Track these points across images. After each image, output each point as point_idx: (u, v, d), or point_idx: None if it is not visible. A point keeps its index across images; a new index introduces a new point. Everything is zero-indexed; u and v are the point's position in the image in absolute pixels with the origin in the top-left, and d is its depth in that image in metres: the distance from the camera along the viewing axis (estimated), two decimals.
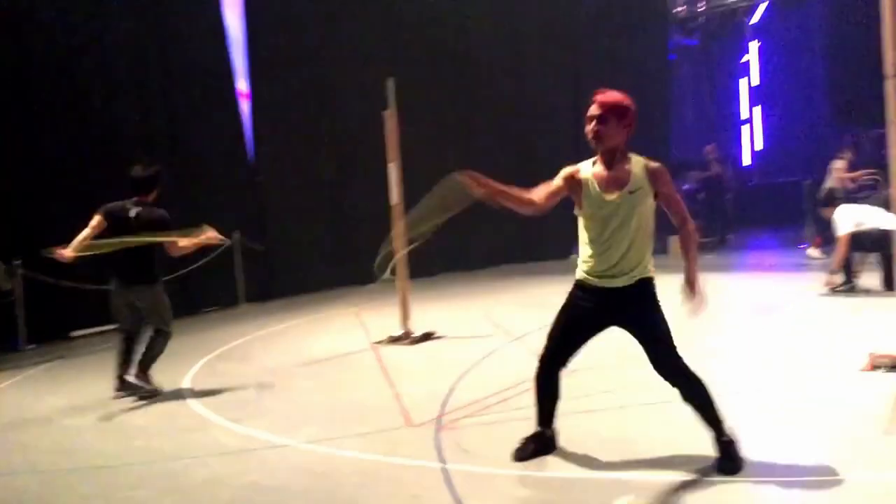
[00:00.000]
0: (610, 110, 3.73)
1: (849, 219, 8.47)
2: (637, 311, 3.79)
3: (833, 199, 9.18)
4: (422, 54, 13.06)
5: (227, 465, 4.32)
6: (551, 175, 4.01)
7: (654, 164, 3.77)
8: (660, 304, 3.81)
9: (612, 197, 3.73)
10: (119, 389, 6.07)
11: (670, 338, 3.77)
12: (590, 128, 3.78)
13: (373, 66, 11.74)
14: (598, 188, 3.77)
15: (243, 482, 4.03)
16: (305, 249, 11.79)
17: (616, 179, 3.75)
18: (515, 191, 3.94)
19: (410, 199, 7.97)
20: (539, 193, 3.94)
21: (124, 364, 6.13)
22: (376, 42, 12.51)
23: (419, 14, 13.22)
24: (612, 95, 3.77)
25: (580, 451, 4.10)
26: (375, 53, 12.30)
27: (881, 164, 9.68)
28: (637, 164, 3.77)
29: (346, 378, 6.37)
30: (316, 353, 7.39)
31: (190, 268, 7.43)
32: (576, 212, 3.89)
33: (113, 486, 4.13)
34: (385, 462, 4.17)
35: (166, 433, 5.08)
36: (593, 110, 3.76)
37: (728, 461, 3.64)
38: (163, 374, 6.58)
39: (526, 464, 3.98)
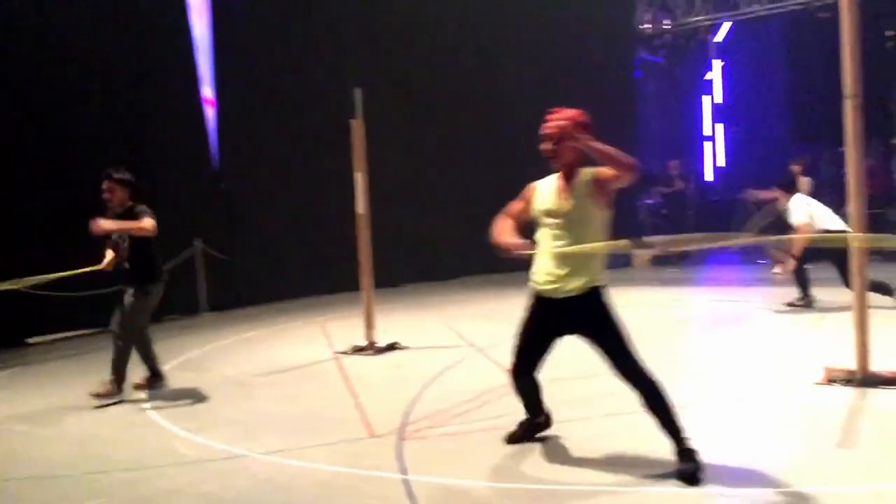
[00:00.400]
0: (562, 129, 3.88)
1: (804, 209, 8.59)
2: (592, 320, 3.90)
3: (792, 186, 9.19)
4: (392, 64, 13.05)
5: (185, 476, 4.26)
6: (520, 184, 4.16)
7: (599, 168, 3.88)
8: (614, 310, 3.91)
9: (565, 207, 3.92)
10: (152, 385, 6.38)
11: (628, 343, 3.86)
12: (544, 147, 3.96)
13: (341, 75, 11.74)
14: (554, 199, 3.97)
15: (201, 492, 3.98)
16: (270, 258, 11.68)
17: (570, 191, 3.94)
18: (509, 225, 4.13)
19: (377, 209, 7.99)
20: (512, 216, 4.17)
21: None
22: (346, 50, 12.50)
23: (390, 23, 13.24)
24: (564, 114, 3.92)
25: (544, 461, 4.12)
26: (344, 61, 12.28)
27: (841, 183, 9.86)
28: (586, 174, 3.93)
29: (308, 388, 6.32)
30: (278, 363, 7.32)
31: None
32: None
33: (70, 496, 4.05)
34: (346, 473, 4.14)
35: (124, 443, 4.99)
36: (546, 130, 3.94)
37: (688, 469, 3.68)
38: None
39: (490, 474, 3.98)
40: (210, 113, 11.31)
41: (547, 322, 4.04)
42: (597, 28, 16.02)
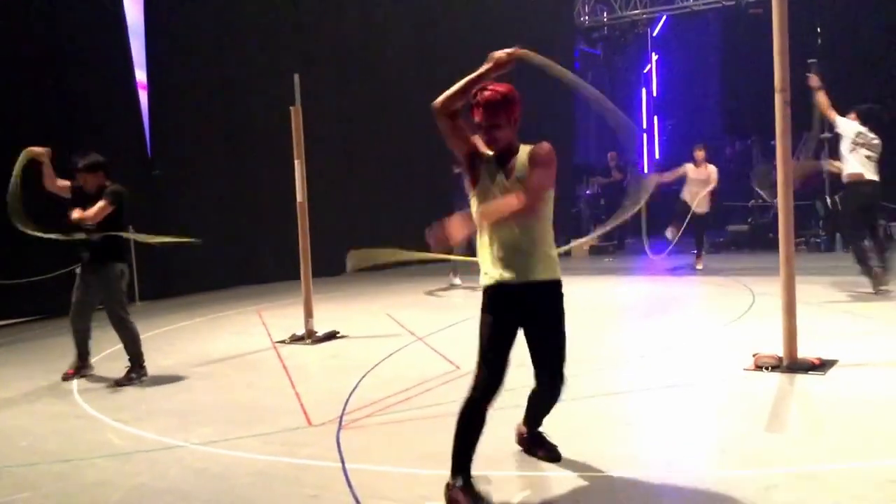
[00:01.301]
0: (500, 112, 3.53)
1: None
2: (550, 312, 3.61)
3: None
4: (330, 51, 12.93)
5: (117, 467, 4.17)
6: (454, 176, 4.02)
7: (537, 146, 3.55)
8: (563, 307, 3.66)
9: (507, 185, 3.52)
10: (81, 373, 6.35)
11: (564, 345, 3.66)
12: (485, 137, 3.58)
13: (280, 60, 11.58)
14: (496, 176, 3.57)
15: (133, 483, 3.89)
16: (204, 246, 11.43)
17: (510, 170, 3.56)
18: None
19: (316, 197, 7.91)
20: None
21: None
22: (284, 35, 12.32)
23: (327, 9, 13.09)
24: (495, 94, 3.53)
25: (481, 448, 4.14)
26: (283, 47, 12.11)
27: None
28: (524, 151, 3.58)
29: (245, 378, 6.23)
30: (214, 352, 7.21)
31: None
32: (470, 194, 3.66)
33: None
34: (283, 462, 4.10)
35: (54, 434, 4.85)
36: (483, 117, 3.55)
37: (551, 449, 3.89)
38: (52, 374, 6.33)
39: (428, 461, 3.98)
40: (143, 97, 11.03)
41: (508, 317, 3.55)
42: (536, 18, 16.10)
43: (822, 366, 5.34)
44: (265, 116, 11.32)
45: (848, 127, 8.32)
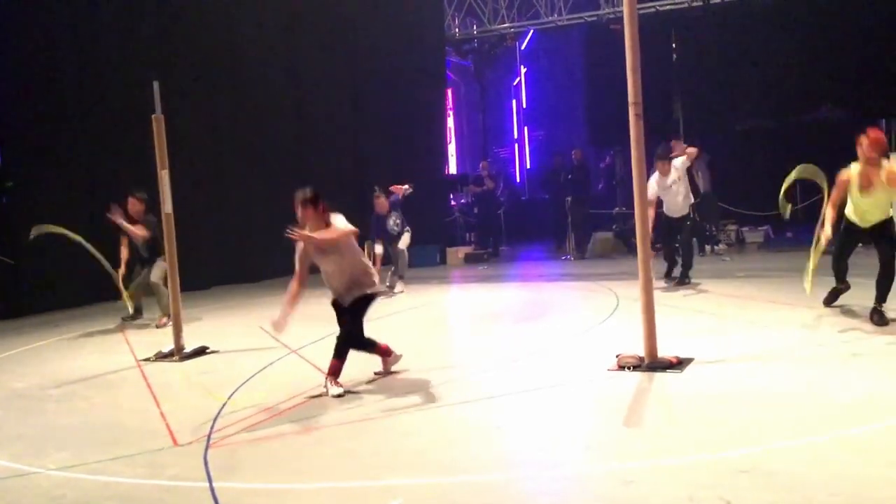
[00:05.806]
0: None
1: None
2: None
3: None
4: (191, 57, 12.53)
5: None
6: (328, 185, 4.08)
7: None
8: None
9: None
10: None
11: None
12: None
13: (140, 65, 11.18)
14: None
15: None
16: (63, 261, 10.86)
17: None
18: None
19: (181, 208, 7.65)
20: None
21: None
22: (145, 38, 11.89)
23: (189, 19, 12.69)
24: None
25: (354, 459, 4.13)
26: (143, 51, 11.69)
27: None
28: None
29: (106, 399, 5.94)
30: (72, 373, 6.83)
31: None
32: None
33: None
34: (147, 484, 3.94)
35: None
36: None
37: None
38: None
39: (299, 475, 3.93)
40: None
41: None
42: (407, 29, 16.22)
43: (680, 364, 5.62)
44: (125, 124, 10.90)
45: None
